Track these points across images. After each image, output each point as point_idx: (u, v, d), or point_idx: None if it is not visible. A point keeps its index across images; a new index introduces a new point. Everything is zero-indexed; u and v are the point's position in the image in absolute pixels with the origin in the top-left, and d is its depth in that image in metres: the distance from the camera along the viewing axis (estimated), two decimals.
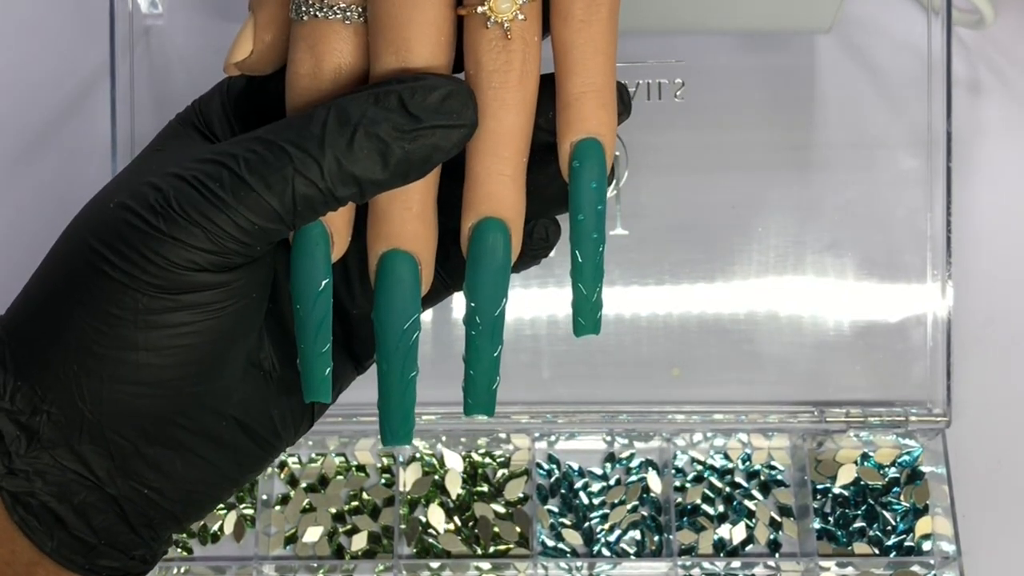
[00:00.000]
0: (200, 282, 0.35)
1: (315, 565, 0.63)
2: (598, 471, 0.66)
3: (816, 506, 0.64)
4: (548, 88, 0.37)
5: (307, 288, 0.37)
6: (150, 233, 0.35)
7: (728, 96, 0.65)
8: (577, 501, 0.65)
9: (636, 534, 0.64)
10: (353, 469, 0.65)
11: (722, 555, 0.64)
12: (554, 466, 0.65)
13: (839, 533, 0.64)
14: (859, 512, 0.64)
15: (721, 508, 0.65)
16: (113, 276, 0.35)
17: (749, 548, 0.64)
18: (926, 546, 0.63)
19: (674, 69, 0.64)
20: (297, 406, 0.41)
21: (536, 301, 0.65)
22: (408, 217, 0.37)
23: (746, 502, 0.65)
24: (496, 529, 0.64)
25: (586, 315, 0.38)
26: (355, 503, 0.65)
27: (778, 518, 0.65)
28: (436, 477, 0.65)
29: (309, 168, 0.34)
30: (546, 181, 0.38)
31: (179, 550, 0.64)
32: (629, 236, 0.64)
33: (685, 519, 0.64)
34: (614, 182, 0.63)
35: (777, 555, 0.64)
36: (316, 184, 0.34)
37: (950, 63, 0.62)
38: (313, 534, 0.64)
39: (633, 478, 0.65)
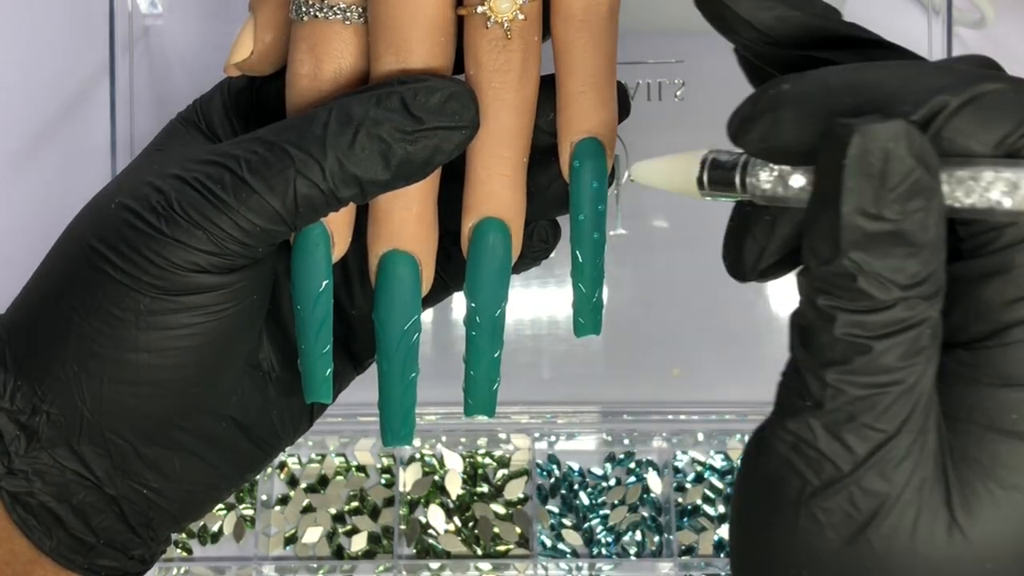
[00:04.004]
0: (201, 284, 0.35)
1: (315, 566, 0.63)
2: (598, 471, 0.66)
3: None
4: (548, 90, 0.37)
5: (308, 289, 0.37)
6: (152, 234, 0.35)
7: (728, 96, 0.65)
8: (577, 501, 0.65)
9: (636, 535, 0.64)
10: (353, 469, 0.65)
11: (722, 555, 0.64)
12: (554, 466, 0.65)
13: None
14: None
15: (721, 508, 0.65)
16: (115, 277, 0.35)
17: None
18: None
19: (674, 69, 0.64)
20: (296, 406, 0.41)
21: (536, 301, 0.65)
22: (408, 218, 0.37)
23: None
24: (496, 530, 0.64)
25: (587, 315, 0.38)
26: (355, 503, 0.65)
27: None
28: (436, 477, 0.65)
29: (311, 169, 0.34)
30: (546, 182, 0.38)
31: (179, 550, 0.64)
32: (629, 236, 0.63)
33: (685, 519, 0.64)
34: (614, 182, 0.63)
35: None
36: (318, 185, 0.34)
37: None
38: (313, 534, 0.64)
39: (633, 478, 0.65)
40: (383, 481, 0.65)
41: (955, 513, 0.29)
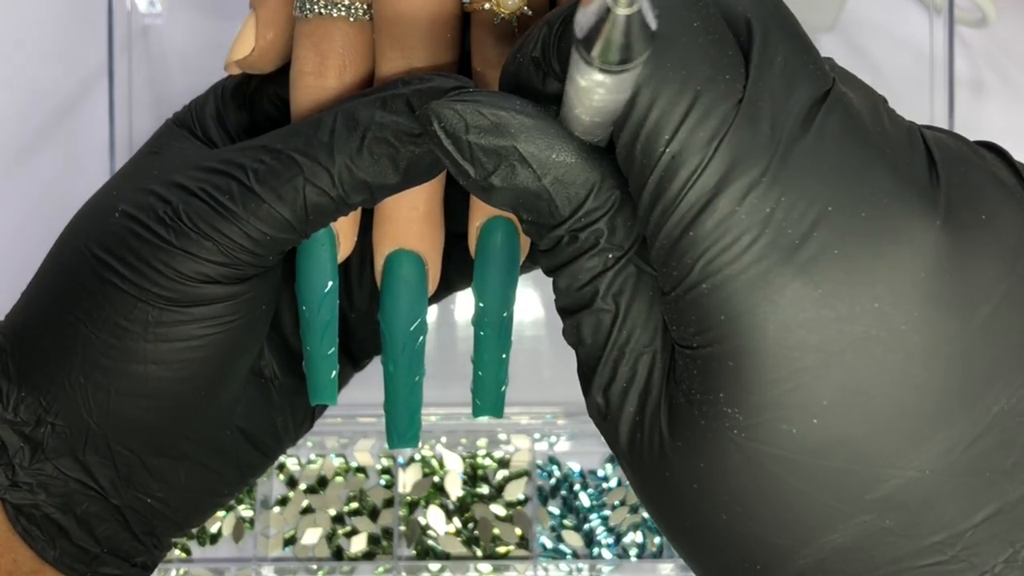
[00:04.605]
0: (211, 295, 0.35)
1: (314, 567, 0.63)
2: (599, 472, 0.65)
3: None
4: None
5: (313, 290, 0.37)
6: (160, 245, 0.34)
7: None
8: (578, 503, 0.65)
9: (637, 536, 0.64)
10: (352, 470, 0.65)
11: None
12: (555, 467, 0.65)
13: None
14: None
15: None
16: (122, 288, 0.34)
17: None
18: None
19: None
20: (298, 410, 0.40)
21: (536, 301, 0.64)
22: (415, 217, 0.36)
23: None
24: (496, 531, 0.64)
25: None
26: (354, 504, 0.64)
27: None
28: (436, 478, 0.64)
29: (319, 177, 0.34)
30: None
31: (178, 551, 0.63)
32: None
33: None
34: None
35: None
36: (327, 192, 0.34)
37: (952, 62, 0.62)
38: (312, 536, 0.64)
39: None
40: (383, 482, 0.65)
41: (663, 431, 0.29)
